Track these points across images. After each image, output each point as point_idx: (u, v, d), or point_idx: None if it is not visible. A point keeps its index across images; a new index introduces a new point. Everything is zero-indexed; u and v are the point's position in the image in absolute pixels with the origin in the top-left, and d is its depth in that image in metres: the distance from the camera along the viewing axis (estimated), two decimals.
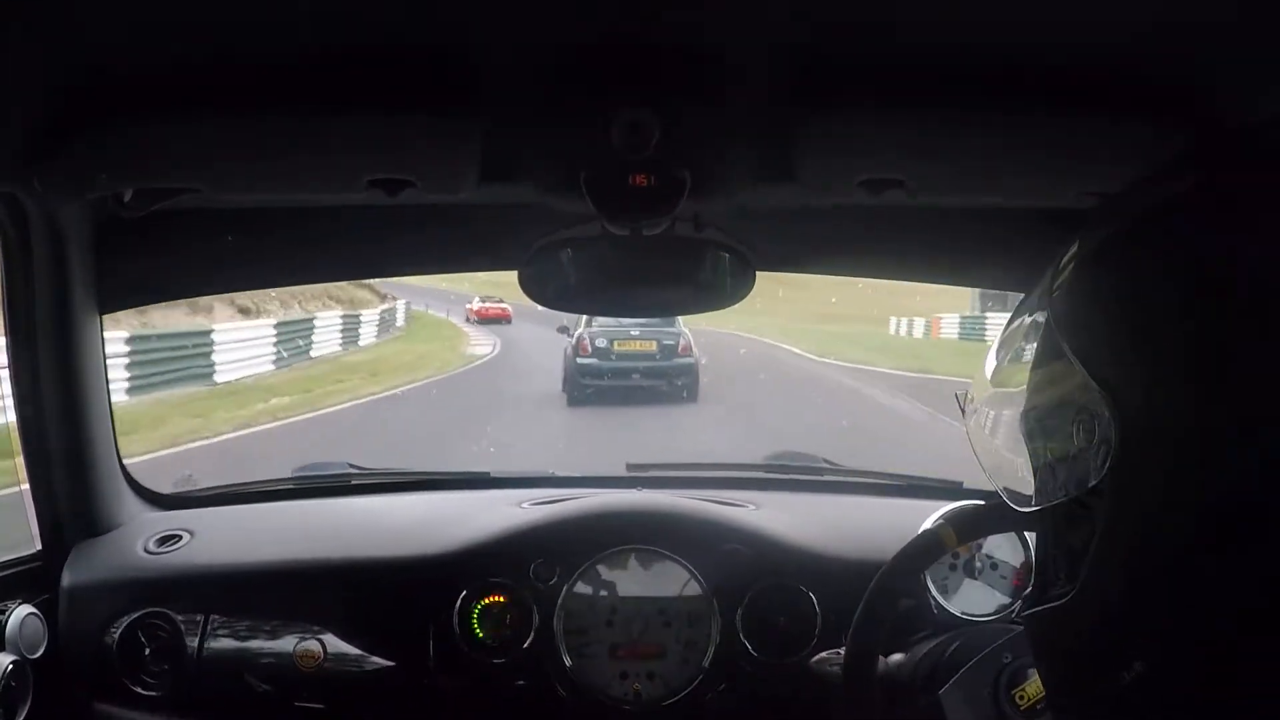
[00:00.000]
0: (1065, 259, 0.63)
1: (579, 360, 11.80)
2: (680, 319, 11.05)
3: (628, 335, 11.87)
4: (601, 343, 11.78)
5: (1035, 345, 0.64)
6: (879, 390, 13.04)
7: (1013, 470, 0.67)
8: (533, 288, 1.41)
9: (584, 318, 11.37)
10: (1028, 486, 0.65)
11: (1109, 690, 0.58)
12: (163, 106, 1.08)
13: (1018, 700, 1.16)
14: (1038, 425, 0.64)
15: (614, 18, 0.96)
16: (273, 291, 13.72)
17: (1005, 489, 0.69)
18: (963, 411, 0.75)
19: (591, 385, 11.76)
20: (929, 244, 1.58)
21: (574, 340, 11.85)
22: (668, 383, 11.80)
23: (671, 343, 11.92)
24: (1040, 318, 0.64)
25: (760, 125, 1.15)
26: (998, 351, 0.72)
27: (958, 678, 1.19)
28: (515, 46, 1.03)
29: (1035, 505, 0.65)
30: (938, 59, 1.02)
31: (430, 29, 0.98)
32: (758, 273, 1.42)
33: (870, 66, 1.03)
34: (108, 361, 1.66)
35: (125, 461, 1.73)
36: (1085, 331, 0.60)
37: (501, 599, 1.56)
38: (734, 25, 0.98)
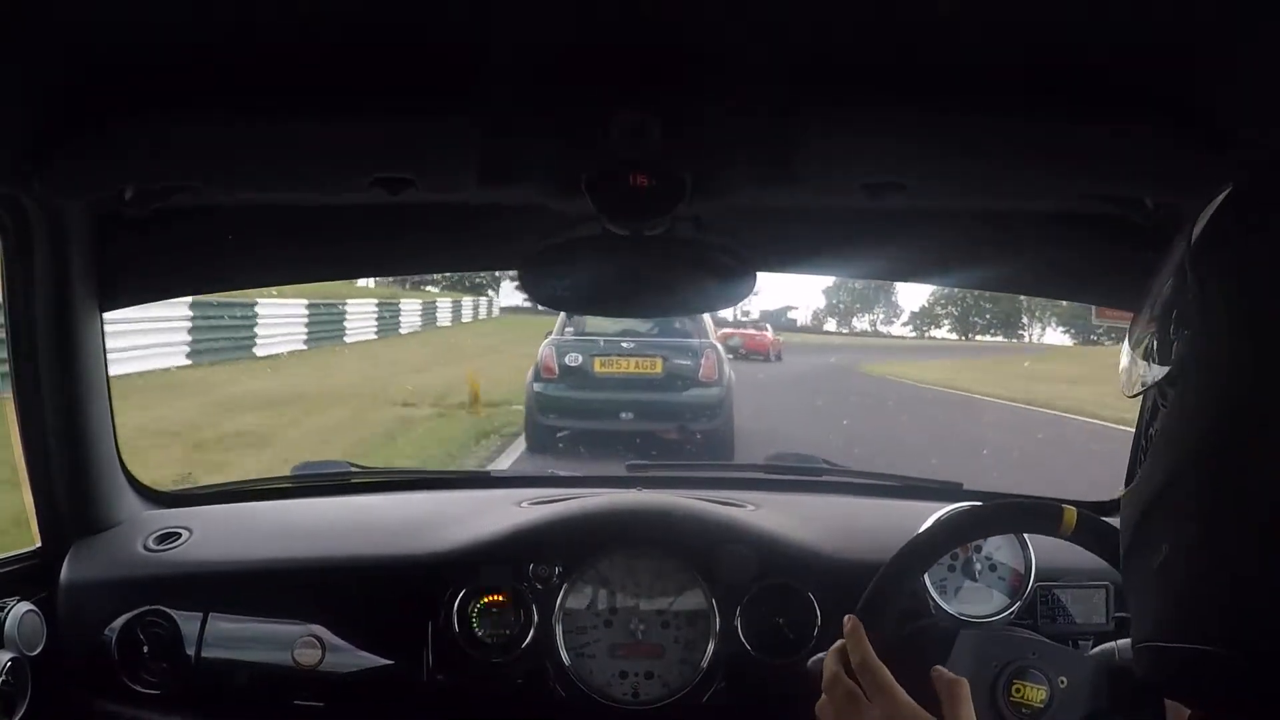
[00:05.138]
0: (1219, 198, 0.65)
1: (538, 387, 8.03)
2: (709, 331, 8.27)
3: (617, 350, 8.05)
4: (575, 360, 8.01)
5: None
6: None
7: (1132, 363, 0.70)
8: (533, 288, 1.41)
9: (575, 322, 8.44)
10: (1136, 379, 0.69)
11: (1147, 567, 0.63)
12: (163, 106, 1.08)
13: (1013, 693, 1.16)
14: (1150, 326, 0.67)
15: (613, 18, 0.96)
16: None
17: (1123, 379, 0.72)
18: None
19: (560, 426, 8.01)
20: (930, 246, 1.58)
21: (538, 358, 8.19)
22: (679, 428, 7.83)
23: (686, 363, 7.91)
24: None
25: (761, 127, 1.15)
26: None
27: (983, 631, 1.19)
28: (515, 46, 1.03)
29: (1133, 393, 0.69)
30: (938, 62, 1.02)
31: (430, 28, 0.98)
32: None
33: (871, 69, 1.03)
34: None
35: None
36: (1211, 250, 0.62)
37: (500, 598, 1.57)
38: (734, 27, 0.98)
